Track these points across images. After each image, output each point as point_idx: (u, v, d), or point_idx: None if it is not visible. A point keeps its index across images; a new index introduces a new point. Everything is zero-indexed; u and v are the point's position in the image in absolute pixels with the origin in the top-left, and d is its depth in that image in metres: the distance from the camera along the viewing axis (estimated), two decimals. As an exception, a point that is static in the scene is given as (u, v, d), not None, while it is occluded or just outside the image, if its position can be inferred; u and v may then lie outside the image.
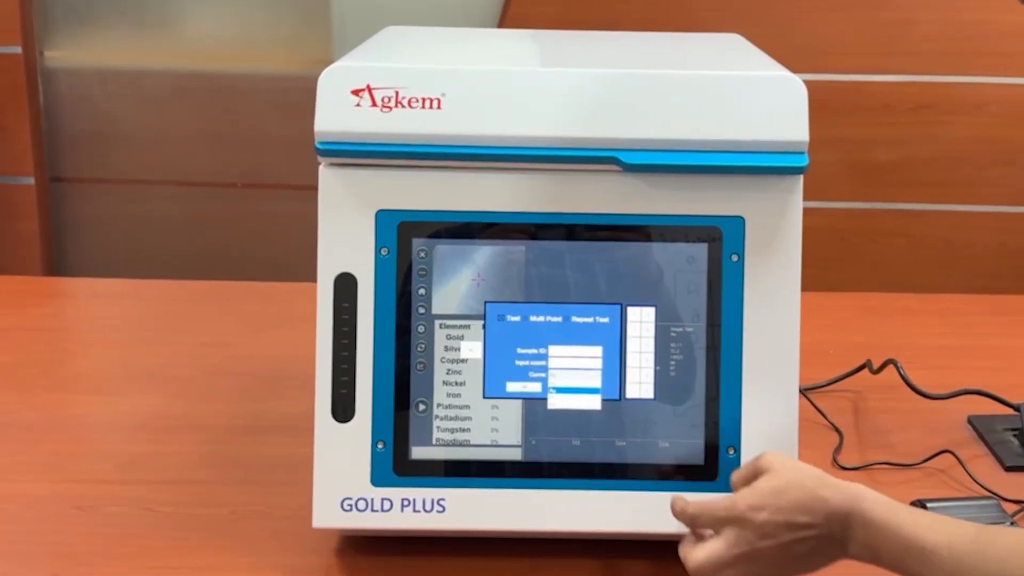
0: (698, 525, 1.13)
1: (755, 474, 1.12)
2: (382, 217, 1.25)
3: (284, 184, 3.10)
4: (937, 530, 1.03)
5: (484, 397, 1.25)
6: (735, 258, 1.25)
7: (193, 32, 3.12)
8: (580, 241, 1.25)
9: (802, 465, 1.11)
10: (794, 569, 1.09)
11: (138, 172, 3.14)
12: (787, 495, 1.07)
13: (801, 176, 1.25)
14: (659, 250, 1.25)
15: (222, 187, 3.14)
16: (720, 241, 1.25)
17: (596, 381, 1.25)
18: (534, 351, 1.25)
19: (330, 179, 1.25)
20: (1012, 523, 1.32)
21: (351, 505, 1.24)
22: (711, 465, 1.24)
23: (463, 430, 1.25)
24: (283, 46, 3.10)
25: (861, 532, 1.05)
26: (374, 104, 1.23)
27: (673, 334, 1.26)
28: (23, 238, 3.08)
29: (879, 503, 1.06)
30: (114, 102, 3.11)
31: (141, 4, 3.08)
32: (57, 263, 3.18)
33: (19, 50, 3.02)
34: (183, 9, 3.09)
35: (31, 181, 3.07)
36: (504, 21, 2.95)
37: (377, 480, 1.24)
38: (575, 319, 1.26)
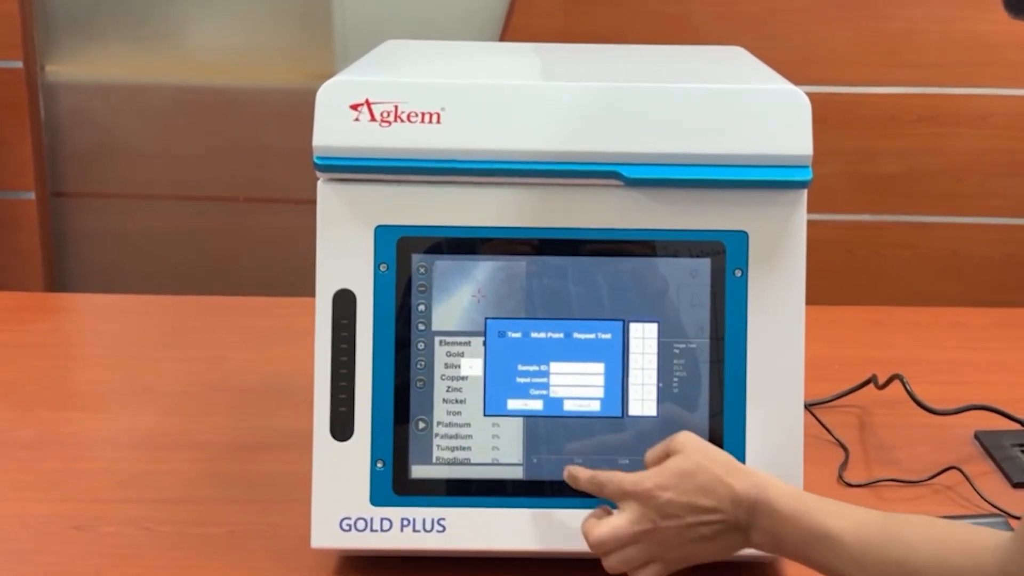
0: (604, 493, 1.14)
1: (667, 454, 1.13)
2: (381, 233, 1.24)
3: (286, 198, 3.09)
4: (843, 516, 1.03)
5: (485, 415, 1.24)
6: (738, 273, 1.24)
7: (194, 46, 3.12)
8: (581, 256, 1.24)
9: (713, 450, 1.12)
10: (695, 553, 1.10)
11: (139, 186, 3.14)
12: (694, 478, 1.08)
13: (805, 190, 1.24)
14: (661, 265, 1.24)
15: (224, 201, 3.13)
16: (723, 256, 1.24)
17: (598, 398, 1.24)
18: (535, 368, 1.24)
19: (329, 194, 1.24)
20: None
21: (350, 525, 1.23)
22: (715, 483, 1.23)
23: (463, 448, 1.24)
24: (285, 59, 3.09)
25: (766, 520, 1.06)
26: (373, 119, 1.22)
27: (676, 350, 1.24)
28: (24, 253, 3.08)
29: (785, 492, 1.07)
30: (115, 116, 3.11)
31: (142, 18, 3.08)
32: (58, 278, 3.18)
33: (20, 64, 3.02)
34: (184, 23, 3.09)
35: (32, 196, 3.07)
36: (506, 33, 2.95)
37: (376, 499, 1.23)
38: (577, 335, 1.24)
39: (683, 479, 1.09)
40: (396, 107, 1.22)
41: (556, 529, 1.23)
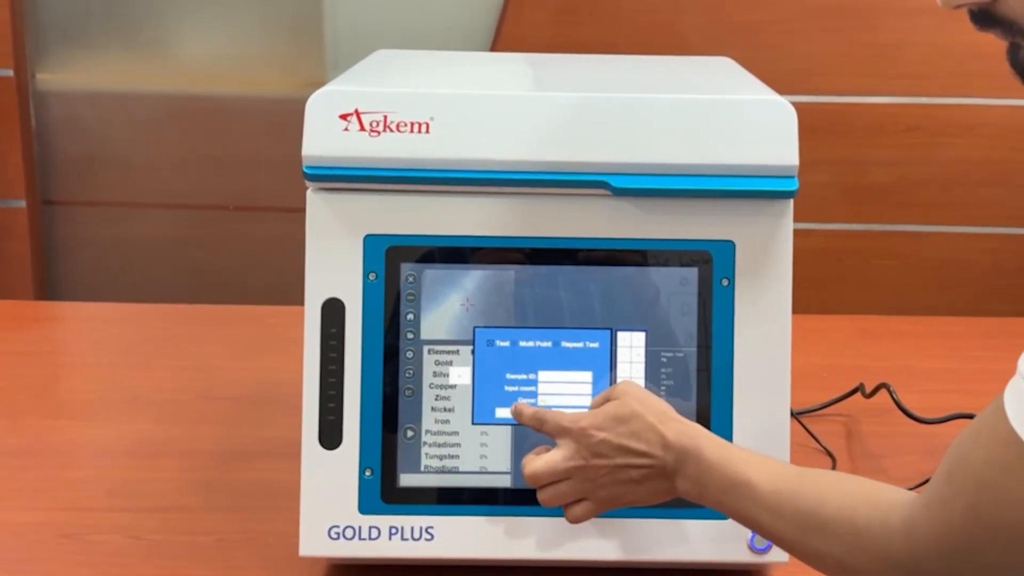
0: (544, 429, 1.17)
1: (608, 399, 1.16)
2: (370, 242, 1.24)
3: (276, 207, 3.09)
4: (763, 468, 1.06)
5: (473, 423, 1.24)
6: (725, 282, 1.25)
7: (185, 55, 3.12)
8: (569, 265, 1.25)
9: (652, 399, 1.15)
10: (623, 494, 1.13)
11: (130, 195, 3.13)
12: (628, 423, 1.12)
13: (791, 200, 1.24)
14: (649, 274, 1.25)
15: (214, 210, 3.13)
16: (710, 265, 1.24)
17: (586, 407, 1.24)
18: (523, 376, 1.24)
19: (318, 203, 1.24)
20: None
21: (338, 533, 1.23)
22: (702, 491, 1.23)
23: (452, 457, 1.24)
24: (276, 68, 3.09)
25: (692, 468, 1.09)
26: (362, 128, 1.23)
27: (663, 359, 1.25)
28: (14, 261, 3.07)
29: (714, 442, 1.10)
30: (106, 125, 3.11)
31: (133, 27, 3.08)
32: (48, 286, 3.17)
33: (11, 73, 3.02)
34: (175, 32, 3.09)
35: (22, 204, 3.06)
36: (497, 43, 2.95)
37: (365, 508, 1.23)
38: (565, 344, 1.25)
39: (618, 423, 1.12)
40: (385, 117, 1.23)
41: (544, 537, 1.23)
